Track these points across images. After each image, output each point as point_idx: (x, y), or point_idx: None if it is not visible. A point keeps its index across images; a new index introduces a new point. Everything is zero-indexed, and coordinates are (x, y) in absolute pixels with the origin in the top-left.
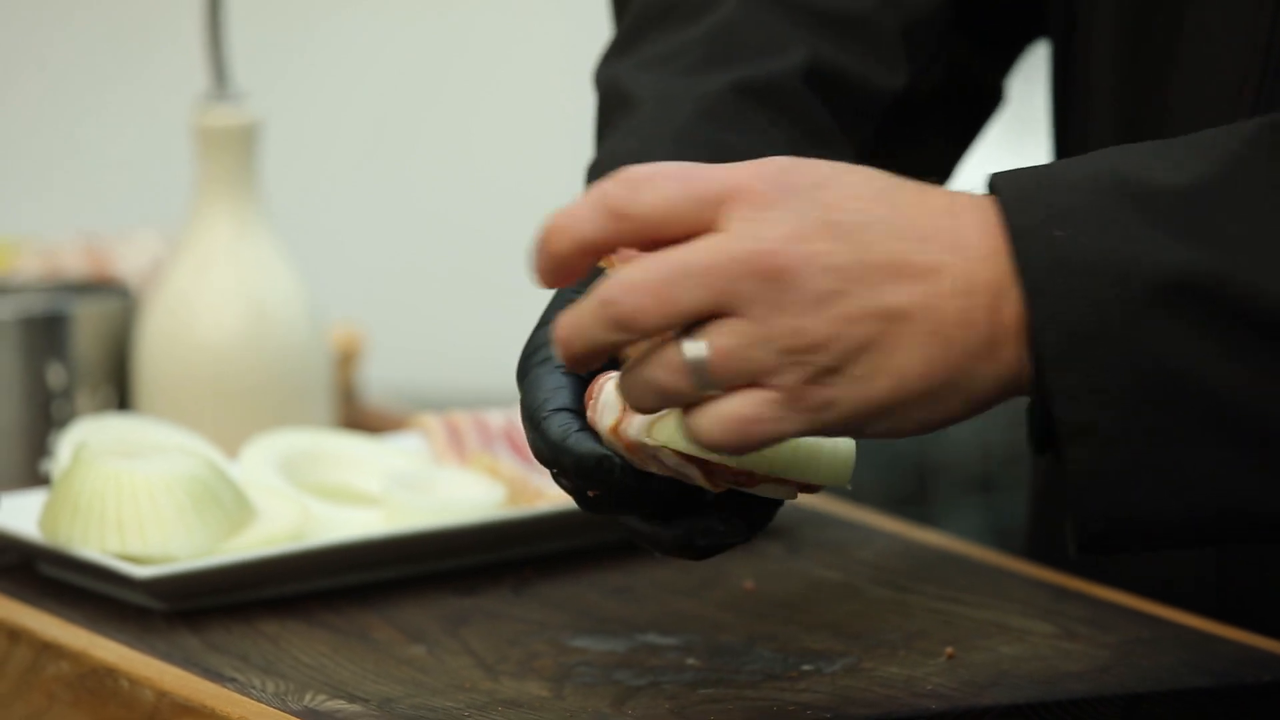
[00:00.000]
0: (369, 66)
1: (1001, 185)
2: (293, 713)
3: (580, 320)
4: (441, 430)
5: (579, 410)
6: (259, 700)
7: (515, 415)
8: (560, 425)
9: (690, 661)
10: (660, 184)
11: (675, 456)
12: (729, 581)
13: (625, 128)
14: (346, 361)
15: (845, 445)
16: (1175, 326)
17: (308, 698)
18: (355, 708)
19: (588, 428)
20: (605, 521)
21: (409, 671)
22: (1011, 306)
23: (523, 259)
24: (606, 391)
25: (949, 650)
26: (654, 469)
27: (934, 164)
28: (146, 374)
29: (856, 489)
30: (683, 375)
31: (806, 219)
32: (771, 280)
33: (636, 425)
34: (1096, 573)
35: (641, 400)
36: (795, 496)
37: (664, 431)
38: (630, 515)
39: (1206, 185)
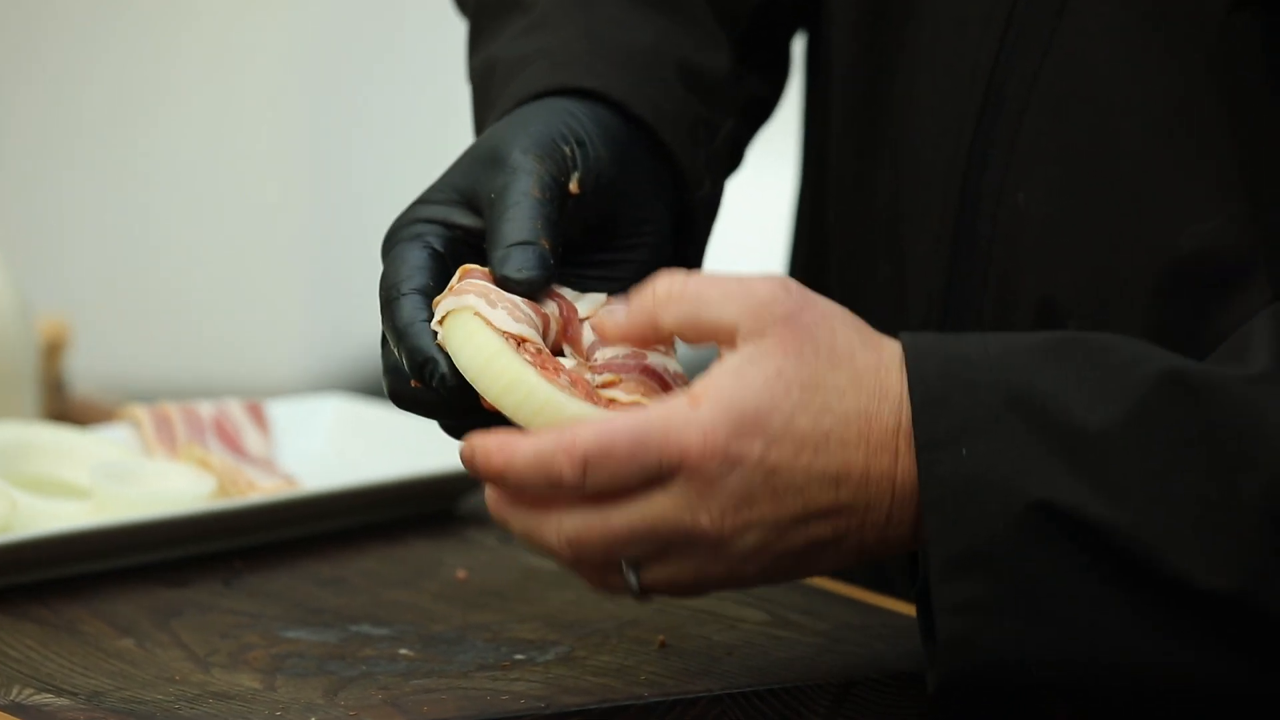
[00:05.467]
0: (83, 61)
1: (915, 378)
2: None
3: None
4: (151, 422)
5: (434, 293)
6: None
7: (225, 407)
8: (409, 310)
9: (403, 651)
10: (609, 463)
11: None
12: (442, 571)
13: (520, 26)
14: (53, 353)
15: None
16: (1052, 550)
17: (14, 692)
18: (63, 701)
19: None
20: (316, 514)
21: (118, 664)
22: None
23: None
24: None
25: (661, 639)
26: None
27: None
28: None
29: None
30: (621, 583)
31: (748, 489)
32: (700, 545)
33: (441, 307)
34: None
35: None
36: None
37: (449, 329)
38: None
39: (1109, 432)
